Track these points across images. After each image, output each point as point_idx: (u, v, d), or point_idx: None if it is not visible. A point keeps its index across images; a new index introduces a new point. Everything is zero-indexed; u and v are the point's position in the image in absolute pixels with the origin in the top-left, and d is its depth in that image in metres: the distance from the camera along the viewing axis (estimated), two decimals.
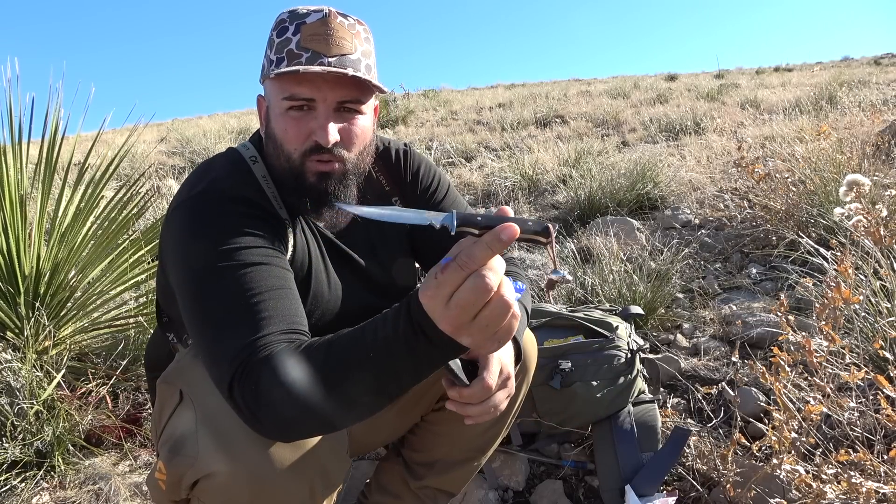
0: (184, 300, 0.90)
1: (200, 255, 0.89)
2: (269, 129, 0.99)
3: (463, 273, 0.60)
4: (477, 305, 0.60)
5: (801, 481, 1.17)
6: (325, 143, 0.94)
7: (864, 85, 8.55)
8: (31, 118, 2.08)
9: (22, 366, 1.67)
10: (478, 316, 0.61)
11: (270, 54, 0.95)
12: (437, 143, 7.13)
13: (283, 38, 0.94)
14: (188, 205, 0.94)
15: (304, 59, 0.92)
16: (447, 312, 0.61)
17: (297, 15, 0.95)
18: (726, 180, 4.13)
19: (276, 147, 0.98)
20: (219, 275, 0.86)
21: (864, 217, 1.47)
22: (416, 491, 1.29)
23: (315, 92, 0.93)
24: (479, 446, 1.26)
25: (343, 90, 0.95)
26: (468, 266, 0.59)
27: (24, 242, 1.98)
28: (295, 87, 0.93)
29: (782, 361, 1.28)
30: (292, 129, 0.95)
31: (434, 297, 0.62)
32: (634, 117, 8.09)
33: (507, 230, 0.59)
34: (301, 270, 1.02)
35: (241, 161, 1.03)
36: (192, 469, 0.86)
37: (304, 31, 0.93)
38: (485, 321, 0.61)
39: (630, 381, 1.61)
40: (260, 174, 1.02)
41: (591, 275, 2.53)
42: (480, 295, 0.60)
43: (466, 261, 0.59)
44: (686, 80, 14.29)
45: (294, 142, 0.96)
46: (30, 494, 1.56)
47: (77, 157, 2.47)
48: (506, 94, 13.00)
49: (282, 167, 0.98)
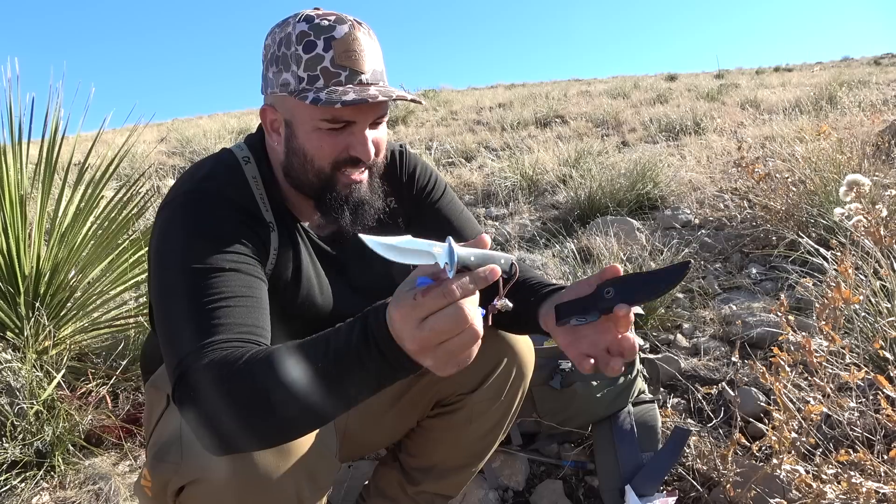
0: (152, 295, 0.91)
1: (173, 254, 0.89)
2: (296, 145, 0.97)
3: (444, 301, 0.61)
4: (450, 333, 0.62)
5: (801, 481, 1.17)
6: (366, 159, 0.96)
7: (864, 85, 8.55)
8: (31, 118, 2.08)
9: (22, 366, 1.67)
10: (447, 342, 0.63)
11: (299, 71, 0.91)
12: (437, 144, 7.13)
13: (312, 53, 0.91)
14: (173, 204, 0.94)
15: (344, 77, 0.91)
16: (418, 333, 0.63)
17: (321, 28, 0.92)
18: (726, 180, 4.13)
19: (304, 162, 0.97)
20: (186, 275, 0.86)
21: (864, 217, 1.47)
22: (414, 496, 1.29)
23: (358, 114, 0.94)
24: (477, 452, 1.25)
25: (380, 109, 0.97)
26: (452, 296, 0.61)
27: (24, 242, 1.98)
28: (339, 111, 0.92)
29: (782, 361, 1.28)
30: (328, 147, 0.95)
31: (407, 317, 0.63)
32: (634, 117, 8.09)
33: (493, 273, 0.64)
34: (286, 274, 1.02)
35: (233, 161, 1.02)
36: (176, 475, 0.86)
37: (335, 47, 0.91)
38: (452, 347, 0.63)
39: (630, 381, 1.61)
40: (251, 175, 1.01)
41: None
42: (457, 324, 0.62)
43: (452, 291, 0.61)
44: (686, 80, 14.30)
45: (329, 157, 0.96)
46: (30, 494, 1.56)
47: (77, 157, 2.47)
48: (506, 94, 13.00)
49: (310, 182, 0.98)
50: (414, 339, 0.63)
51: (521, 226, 3.94)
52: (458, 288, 0.61)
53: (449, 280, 0.62)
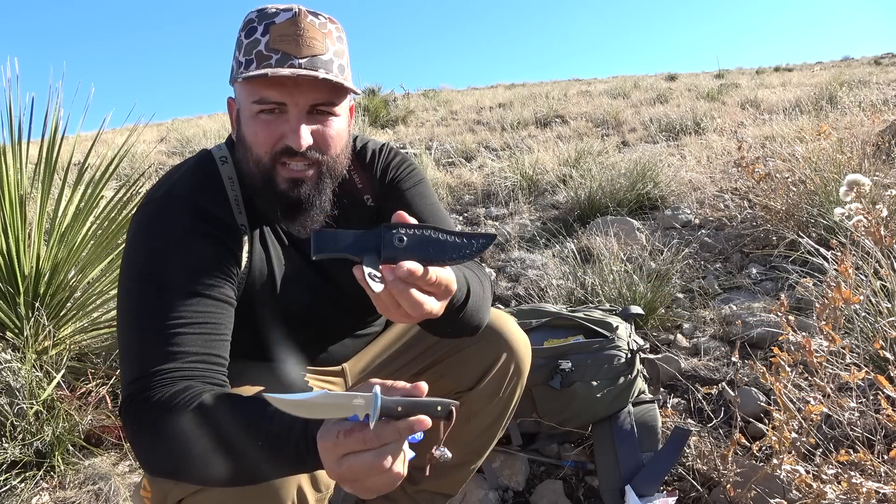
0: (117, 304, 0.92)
1: (138, 266, 0.90)
2: (240, 133, 0.96)
3: (364, 446, 0.63)
4: (367, 476, 0.64)
5: (801, 481, 1.17)
6: (297, 146, 0.91)
7: (865, 85, 8.54)
8: (31, 118, 2.08)
9: (22, 366, 1.67)
10: (365, 480, 0.65)
11: (239, 56, 0.92)
12: (437, 143, 7.12)
13: (251, 38, 0.91)
14: (143, 210, 0.95)
15: (274, 60, 0.88)
16: (336, 468, 0.65)
17: (265, 14, 0.91)
18: (726, 180, 4.13)
19: (245, 151, 0.95)
20: (148, 292, 0.87)
21: (865, 217, 1.47)
22: (413, 495, 1.29)
23: (286, 96, 0.90)
24: (476, 449, 1.25)
25: (315, 93, 0.92)
26: (371, 443, 0.63)
27: (24, 242, 1.98)
28: (265, 90, 0.90)
29: (782, 361, 1.28)
30: (262, 133, 0.92)
31: (328, 451, 0.65)
32: (634, 117, 8.08)
33: (421, 424, 0.64)
34: (261, 277, 1.01)
35: (210, 162, 1.01)
36: (176, 488, 0.86)
37: (273, 31, 0.90)
38: (369, 484, 0.65)
39: (630, 381, 1.61)
40: (226, 175, 1.00)
41: (591, 275, 2.53)
42: (373, 471, 0.63)
43: (373, 438, 0.63)
44: (686, 79, 14.28)
45: (264, 145, 0.92)
46: (30, 494, 1.55)
47: (77, 157, 2.47)
48: (506, 94, 12.99)
49: (252, 172, 0.95)
50: (332, 470, 0.66)
51: (521, 226, 3.94)
52: (376, 437, 0.62)
53: (368, 430, 0.62)
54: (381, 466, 0.63)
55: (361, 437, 0.63)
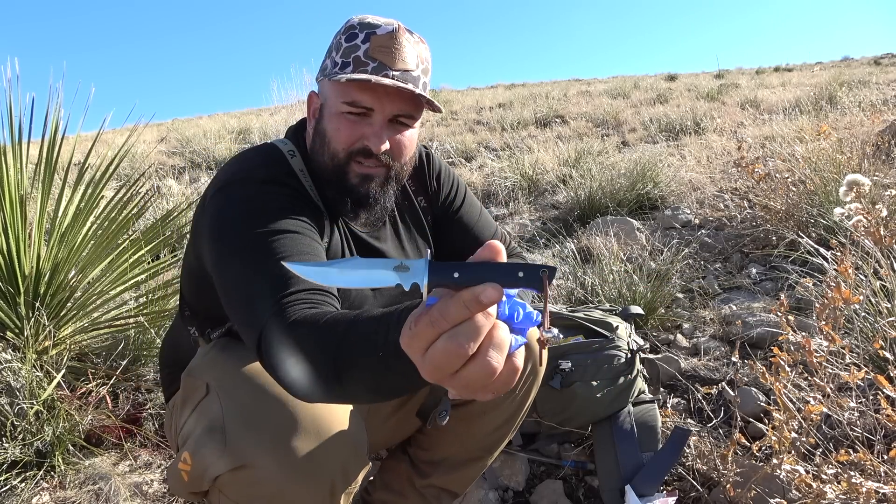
0: (220, 270, 0.91)
1: (235, 224, 0.91)
2: (320, 126, 1.02)
3: (435, 331, 0.51)
4: (452, 367, 0.51)
5: (801, 481, 1.17)
6: (376, 149, 0.98)
7: (864, 85, 8.55)
8: (31, 118, 2.08)
9: (22, 366, 1.67)
10: (457, 374, 0.52)
11: (336, 56, 0.98)
12: (437, 143, 7.13)
13: (351, 43, 0.97)
14: (229, 188, 0.96)
15: (371, 68, 0.95)
16: (423, 365, 0.53)
17: (367, 25, 0.98)
18: (726, 180, 4.13)
19: (323, 144, 1.01)
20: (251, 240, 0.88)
21: (864, 217, 1.47)
22: (421, 490, 1.29)
23: (375, 102, 0.97)
24: (487, 445, 1.26)
25: (401, 104, 0.99)
26: (439, 324, 0.50)
27: (24, 242, 1.98)
28: (358, 93, 0.96)
29: (782, 361, 1.28)
30: (345, 131, 0.98)
31: (410, 347, 0.54)
32: (634, 117, 8.09)
33: (489, 293, 0.49)
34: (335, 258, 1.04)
35: (279, 156, 1.05)
36: (219, 460, 0.87)
37: (373, 41, 0.97)
38: (465, 381, 0.52)
39: (630, 381, 1.61)
40: (297, 168, 1.04)
41: (591, 275, 2.53)
42: (453, 359, 0.51)
43: (438, 318, 0.50)
44: (686, 80, 14.28)
45: (344, 142, 0.99)
46: (30, 494, 1.56)
47: (77, 157, 2.47)
48: (506, 94, 12.99)
49: (324, 163, 1.01)
50: (422, 369, 0.54)
51: (521, 226, 3.94)
52: (440, 315, 0.50)
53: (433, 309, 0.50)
54: (460, 351, 0.50)
55: (428, 319, 0.50)
